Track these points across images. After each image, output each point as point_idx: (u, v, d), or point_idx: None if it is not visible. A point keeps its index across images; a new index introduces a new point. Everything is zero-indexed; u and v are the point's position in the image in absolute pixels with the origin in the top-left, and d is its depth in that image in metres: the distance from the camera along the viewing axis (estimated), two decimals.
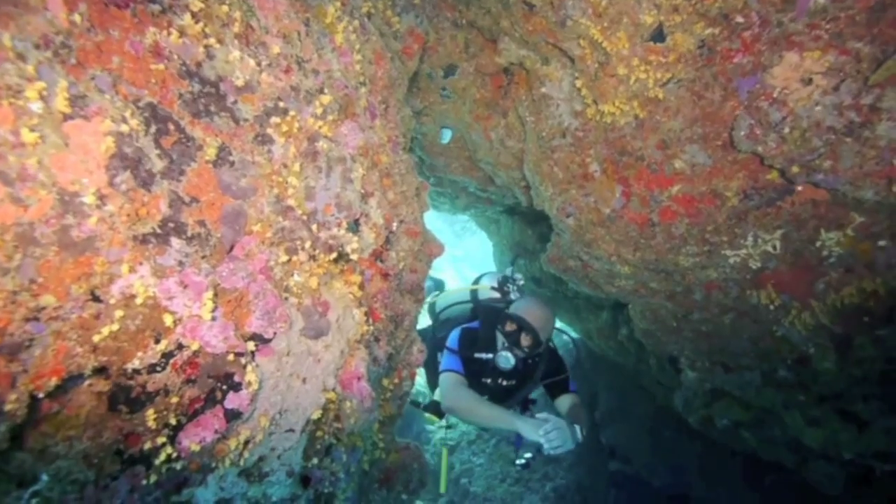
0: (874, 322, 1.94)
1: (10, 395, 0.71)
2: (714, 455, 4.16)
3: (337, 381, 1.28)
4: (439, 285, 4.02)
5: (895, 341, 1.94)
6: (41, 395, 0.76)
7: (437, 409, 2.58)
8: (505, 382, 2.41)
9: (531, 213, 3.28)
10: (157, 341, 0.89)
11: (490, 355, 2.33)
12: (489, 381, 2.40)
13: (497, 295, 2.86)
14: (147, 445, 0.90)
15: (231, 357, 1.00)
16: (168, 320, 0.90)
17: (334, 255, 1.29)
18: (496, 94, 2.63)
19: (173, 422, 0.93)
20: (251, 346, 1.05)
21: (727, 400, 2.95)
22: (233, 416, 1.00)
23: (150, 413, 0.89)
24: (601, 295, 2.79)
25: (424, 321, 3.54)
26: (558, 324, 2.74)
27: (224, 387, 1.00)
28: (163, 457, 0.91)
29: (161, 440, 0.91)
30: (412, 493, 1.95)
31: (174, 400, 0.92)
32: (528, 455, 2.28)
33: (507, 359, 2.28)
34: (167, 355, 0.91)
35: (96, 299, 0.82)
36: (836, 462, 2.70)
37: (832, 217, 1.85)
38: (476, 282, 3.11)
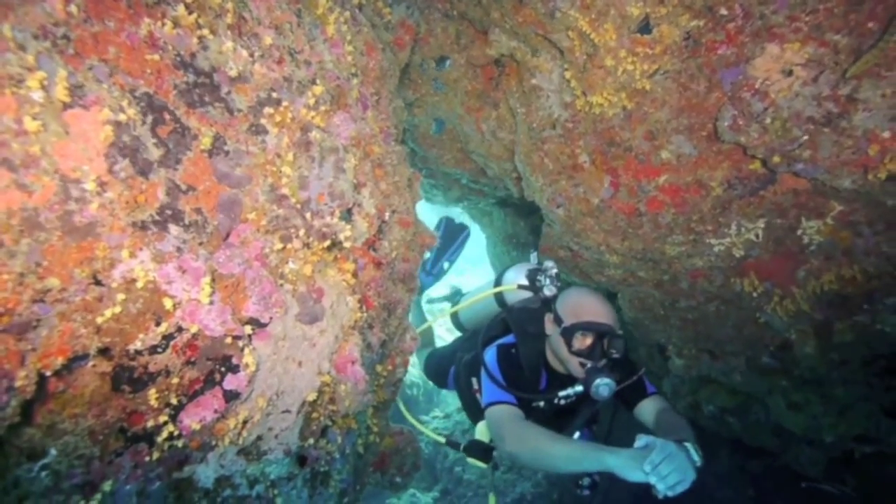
0: (853, 308, 2.01)
1: (20, 372, 0.74)
2: (704, 441, 4.26)
3: (332, 365, 1.32)
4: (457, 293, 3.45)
5: (873, 327, 2.01)
6: (48, 374, 0.79)
7: (484, 452, 1.96)
8: (564, 402, 1.84)
9: (523, 205, 3.31)
10: (158, 324, 0.93)
11: (555, 392, 1.79)
12: (542, 403, 1.87)
13: (527, 294, 2.27)
14: (150, 424, 0.93)
15: (229, 340, 1.04)
16: (168, 304, 0.93)
17: (328, 243, 1.32)
18: (487, 85, 2.65)
19: (174, 401, 0.96)
20: (248, 329, 1.08)
21: (713, 386, 3.04)
22: (231, 396, 1.04)
23: (152, 393, 0.93)
24: (592, 285, 2.84)
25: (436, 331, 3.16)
26: None
27: (223, 368, 1.04)
28: (165, 435, 0.95)
29: (163, 419, 0.95)
30: (406, 477, 2.01)
31: (175, 380, 0.96)
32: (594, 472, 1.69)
33: (607, 386, 1.67)
34: (167, 337, 0.95)
35: (98, 283, 0.85)
36: (818, 446, 2.80)
37: (812, 206, 1.91)
38: (498, 280, 2.50)
